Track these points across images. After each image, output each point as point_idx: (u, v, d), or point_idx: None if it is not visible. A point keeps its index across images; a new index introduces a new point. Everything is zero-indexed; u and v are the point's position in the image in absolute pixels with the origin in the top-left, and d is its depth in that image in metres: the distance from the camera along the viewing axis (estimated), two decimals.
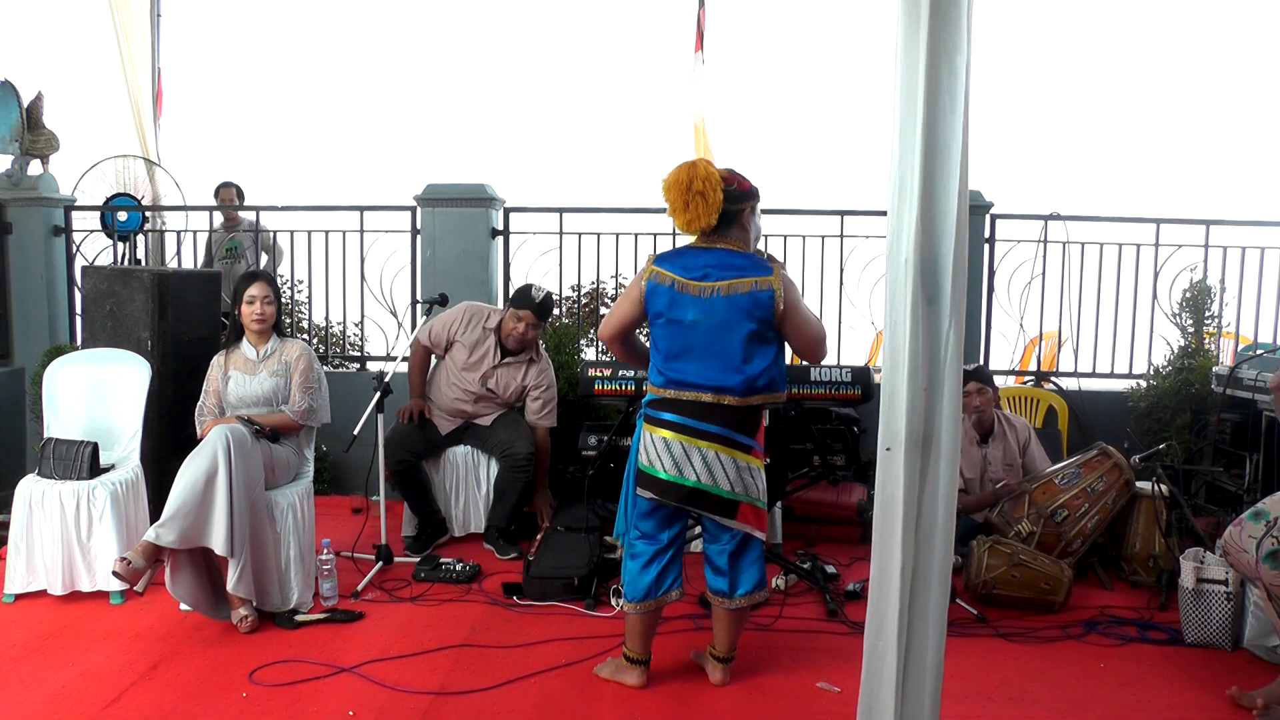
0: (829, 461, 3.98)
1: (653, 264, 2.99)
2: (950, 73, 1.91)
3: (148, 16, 6.80)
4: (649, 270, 2.98)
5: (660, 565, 3.03)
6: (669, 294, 2.93)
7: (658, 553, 3.03)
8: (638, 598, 3.03)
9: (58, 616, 3.63)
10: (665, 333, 2.95)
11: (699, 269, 2.93)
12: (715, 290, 2.91)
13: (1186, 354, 5.15)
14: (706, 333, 2.91)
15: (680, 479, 2.92)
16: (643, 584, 3.03)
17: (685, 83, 6.80)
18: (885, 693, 2.03)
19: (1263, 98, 9.57)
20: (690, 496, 2.94)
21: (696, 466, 2.91)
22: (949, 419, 1.98)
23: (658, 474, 2.94)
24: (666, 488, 2.94)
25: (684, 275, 2.93)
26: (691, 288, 2.91)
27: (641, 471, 2.99)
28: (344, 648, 3.36)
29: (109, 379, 4.08)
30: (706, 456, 2.91)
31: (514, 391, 4.55)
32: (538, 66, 11.00)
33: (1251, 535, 2.89)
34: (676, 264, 2.96)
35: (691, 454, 2.91)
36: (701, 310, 2.90)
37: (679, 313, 2.92)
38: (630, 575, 3.06)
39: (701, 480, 2.91)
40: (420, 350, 4.59)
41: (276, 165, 8.87)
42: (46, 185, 5.81)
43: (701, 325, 2.90)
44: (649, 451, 2.96)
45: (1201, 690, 3.12)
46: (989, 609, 3.72)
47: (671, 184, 2.90)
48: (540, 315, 4.43)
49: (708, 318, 2.90)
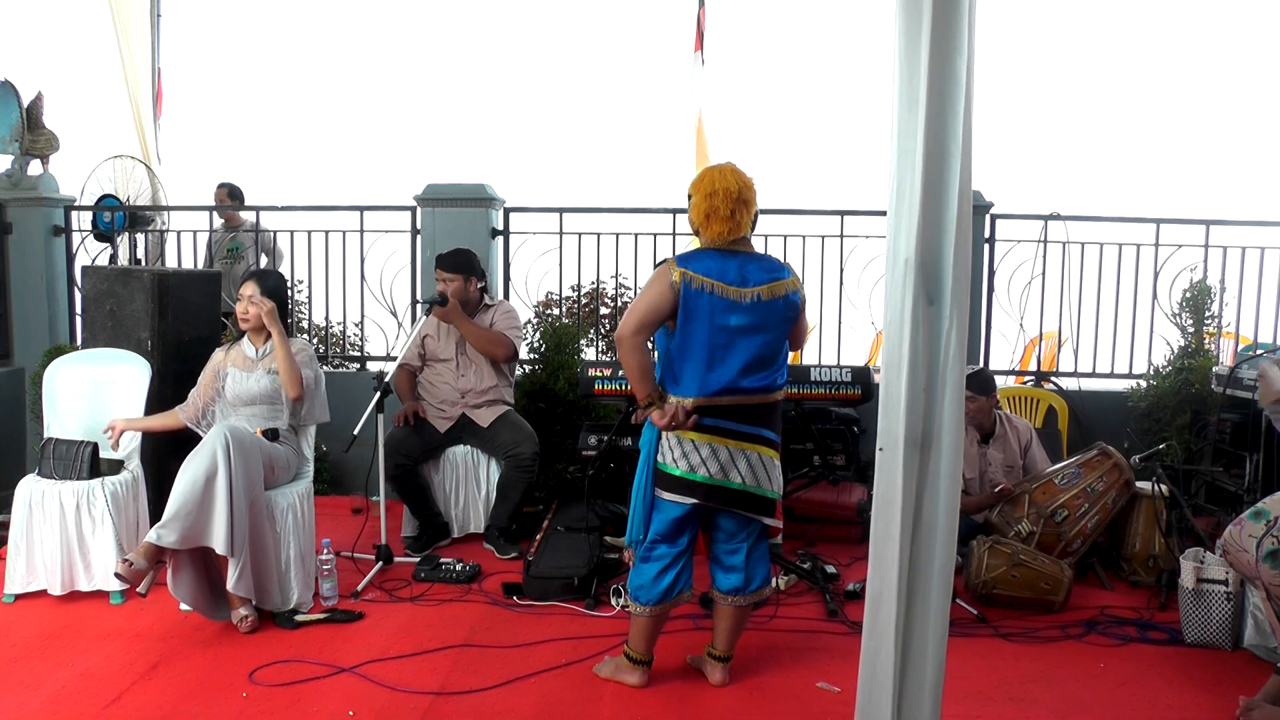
0: (829, 461, 3.99)
1: (678, 265, 2.90)
2: (951, 73, 1.91)
3: (148, 16, 6.80)
4: (678, 272, 2.88)
5: (678, 568, 3.03)
6: (710, 299, 2.87)
7: (678, 556, 3.02)
8: (654, 601, 3.02)
9: (58, 616, 3.63)
10: (705, 339, 2.88)
11: (734, 274, 2.91)
12: (756, 295, 2.91)
13: (1186, 354, 5.15)
14: (749, 337, 2.91)
15: (726, 482, 2.93)
16: (660, 588, 3.01)
17: (685, 82, 6.81)
18: (882, 693, 2.03)
19: (1263, 98, 9.57)
20: (736, 498, 2.96)
21: (742, 469, 2.94)
22: (951, 419, 1.98)
23: (698, 478, 2.91)
24: (711, 491, 2.93)
25: (722, 280, 2.89)
26: (732, 293, 2.89)
27: (678, 477, 2.94)
28: (344, 648, 3.36)
29: (109, 379, 4.08)
30: (750, 459, 2.95)
31: None
32: (538, 66, 11.00)
33: (1251, 535, 2.89)
34: (705, 267, 2.90)
35: (738, 458, 2.93)
36: (744, 315, 2.90)
37: (721, 318, 2.88)
38: (646, 579, 3.02)
39: (746, 482, 2.95)
40: (402, 371, 4.60)
41: (276, 165, 8.88)
42: (46, 185, 5.81)
43: (745, 330, 2.90)
44: (690, 457, 2.92)
45: (1201, 690, 3.13)
46: (989, 609, 3.72)
47: (720, 192, 2.88)
48: (447, 266, 4.51)
49: (750, 321, 2.90)
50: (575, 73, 10.66)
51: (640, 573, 3.04)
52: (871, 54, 7.21)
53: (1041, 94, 10.47)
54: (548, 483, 5.00)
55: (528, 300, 5.66)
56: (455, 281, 4.52)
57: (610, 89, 10.42)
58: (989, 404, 4.34)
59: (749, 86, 9.18)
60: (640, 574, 3.04)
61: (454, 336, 4.59)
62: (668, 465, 2.96)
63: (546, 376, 5.08)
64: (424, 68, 10.77)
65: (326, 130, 10.77)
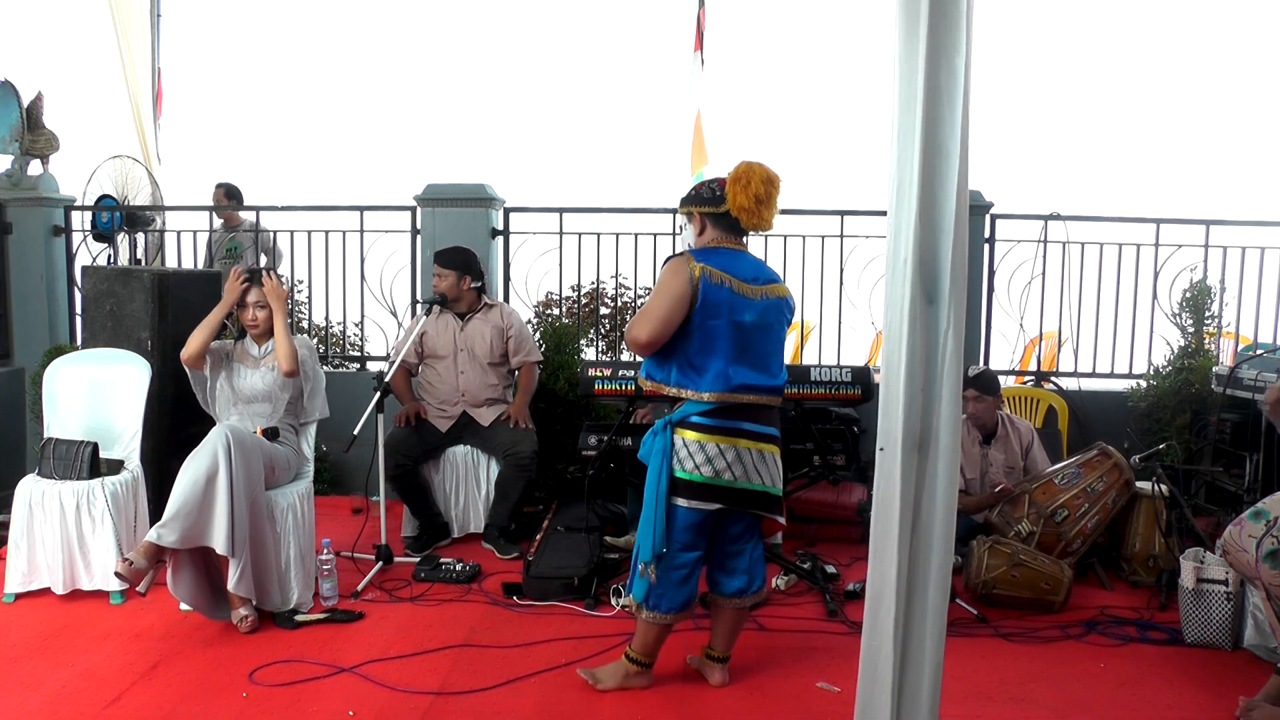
0: (829, 461, 3.98)
1: (695, 260, 2.87)
2: (950, 73, 1.91)
3: (148, 16, 6.80)
4: (696, 267, 2.84)
5: (699, 571, 3.03)
6: (730, 295, 2.86)
7: (698, 561, 3.01)
8: (676, 609, 2.99)
9: (58, 616, 3.63)
10: (726, 335, 2.86)
11: (747, 270, 2.93)
12: (764, 294, 2.94)
13: (1186, 354, 5.15)
14: (760, 335, 2.93)
15: (749, 484, 2.93)
16: (684, 595, 2.99)
17: (685, 82, 6.80)
18: (881, 693, 2.03)
19: (1263, 98, 9.57)
20: (756, 499, 2.96)
21: (762, 471, 2.95)
22: (948, 419, 1.98)
23: (723, 483, 2.89)
24: (736, 495, 2.92)
25: (737, 276, 2.89)
26: (747, 290, 2.90)
27: (701, 484, 2.89)
28: (344, 648, 3.36)
29: (109, 379, 4.08)
30: (767, 459, 2.96)
31: (489, 342, 4.59)
32: (538, 66, 10.99)
33: (1251, 535, 2.89)
34: (722, 262, 2.89)
35: (757, 459, 2.93)
36: (757, 313, 2.91)
37: (739, 315, 2.88)
38: (669, 587, 2.96)
39: (765, 482, 2.96)
40: (399, 371, 4.59)
41: (276, 165, 8.87)
42: (46, 185, 5.81)
43: (758, 328, 2.92)
44: (714, 462, 2.88)
45: (1201, 690, 3.13)
46: (989, 609, 3.72)
47: (775, 181, 2.91)
48: (443, 261, 4.55)
49: (761, 320, 2.92)
50: (575, 73, 10.66)
51: (665, 580, 2.96)
52: (871, 54, 7.21)
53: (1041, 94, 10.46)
54: (548, 483, 5.00)
55: (527, 300, 5.66)
56: (449, 277, 4.54)
57: (610, 89, 10.41)
58: (994, 404, 4.34)
59: (749, 86, 9.17)
60: (665, 582, 2.96)
61: (452, 333, 4.60)
62: (689, 473, 2.90)
63: (546, 376, 5.08)
64: (424, 68, 10.76)
65: (326, 130, 10.76)
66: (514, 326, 4.67)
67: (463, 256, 4.59)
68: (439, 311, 4.59)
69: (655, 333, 2.86)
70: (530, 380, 4.73)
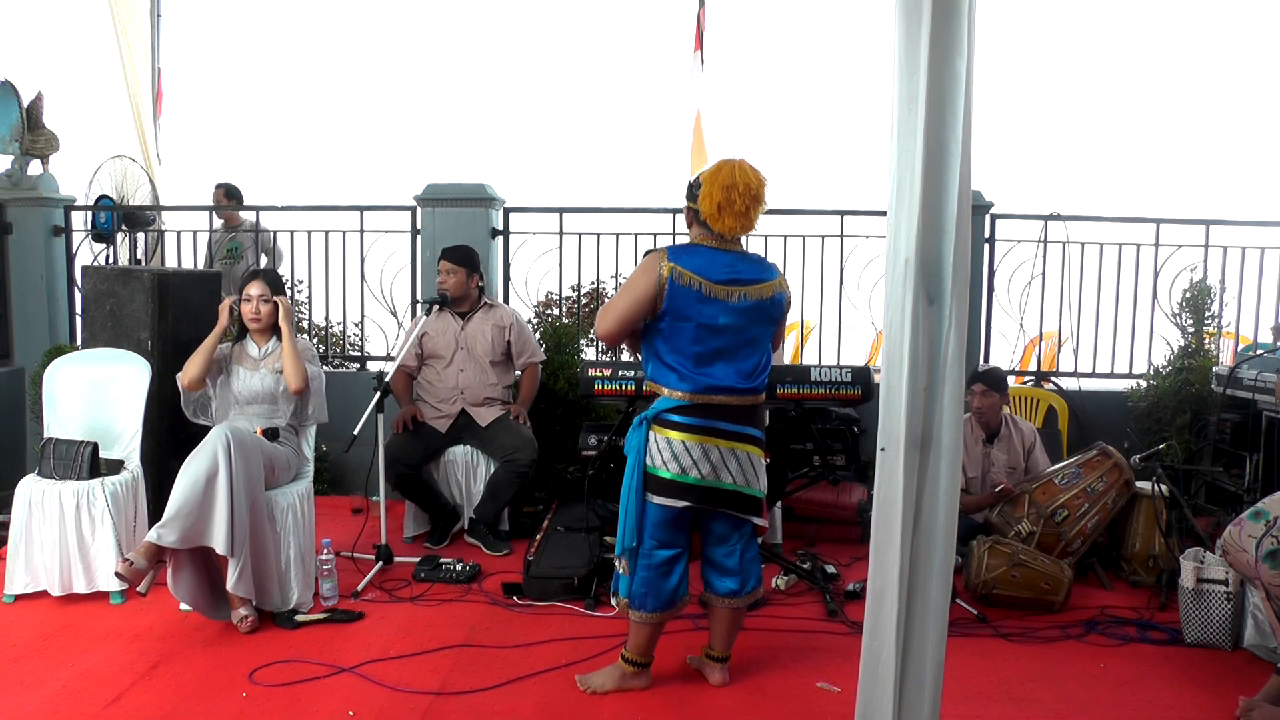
0: (829, 461, 3.98)
1: (668, 259, 2.87)
2: (951, 74, 1.91)
3: (148, 16, 6.80)
4: (666, 266, 2.84)
5: (680, 569, 3.01)
6: (696, 296, 2.85)
7: (676, 558, 3.00)
8: (659, 608, 2.99)
9: (58, 617, 3.63)
10: (693, 336, 2.86)
11: (723, 272, 2.89)
12: (744, 295, 2.90)
13: (1186, 354, 5.15)
14: (736, 337, 2.90)
15: (717, 483, 2.91)
16: (667, 591, 2.99)
17: (685, 82, 6.81)
18: (883, 694, 2.03)
19: (1263, 98, 9.56)
20: (728, 499, 2.94)
21: (733, 469, 2.92)
22: (949, 419, 1.98)
23: (690, 480, 2.89)
24: (704, 493, 2.91)
25: (710, 278, 2.86)
26: (719, 291, 2.87)
27: (669, 480, 2.89)
28: (344, 648, 3.36)
29: (109, 379, 4.08)
30: (740, 458, 2.93)
31: (490, 341, 4.60)
32: (538, 66, 10.98)
33: (1251, 535, 2.89)
34: (695, 263, 2.88)
35: (728, 458, 2.91)
36: (732, 315, 2.88)
37: (709, 317, 2.86)
38: (649, 584, 2.97)
39: (736, 482, 2.93)
40: (399, 373, 4.59)
41: (276, 165, 8.86)
42: (46, 185, 5.81)
43: (732, 330, 2.89)
44: (680, 459, 2.88)
45: (1201, 690, 3.13)
46: (989, 609, 3.72)
47: (740, 186, 2.83)
48: (453, 258, 4.56)
49: (738, 322, 2.89)
50: (575, 73, 10.65)
51: (639, 580, 2.98)
52: (871, 54, 7.21)
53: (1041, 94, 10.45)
54: (548, 483, 5.00)
55: (527, 300, 5.66)
56: (458, 274, 4.54)
57: (610, 89, 10.40)
58: (1000, 401, 4.34)
59: (748, 86, 9.17)
60: (640, 581, 2.98)
61: (453, 332, 4.60)
62: (657, 469, 2.91)
63: (546, 376, 5.08)
64: (424, 68, 10.75)
65: (326, 130, 10.75)
66: (515, 326, 4.68)
67: (471, 254, 4.62)
68: (439, 310, 4.59)
69: (612, 329, 2.92)
70: (534, 380, 4.75)
